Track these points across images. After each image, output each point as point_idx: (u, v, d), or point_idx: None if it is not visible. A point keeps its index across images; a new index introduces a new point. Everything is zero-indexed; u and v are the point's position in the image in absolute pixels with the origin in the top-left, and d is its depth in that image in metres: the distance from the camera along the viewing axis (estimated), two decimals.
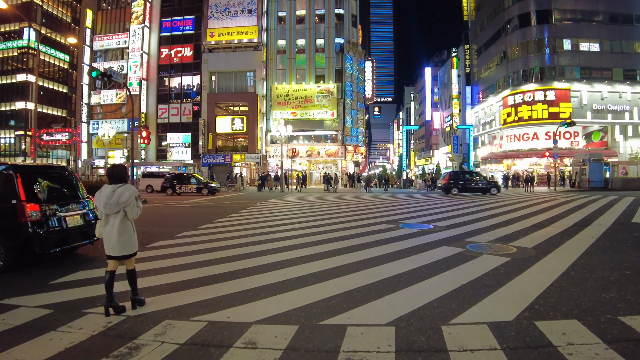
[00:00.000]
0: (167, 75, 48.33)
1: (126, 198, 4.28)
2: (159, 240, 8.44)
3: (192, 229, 10.01)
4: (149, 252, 7.21)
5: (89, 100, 50.60)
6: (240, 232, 9.34)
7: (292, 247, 7.49)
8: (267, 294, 4.66)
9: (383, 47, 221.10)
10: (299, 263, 6.13)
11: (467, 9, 59.08)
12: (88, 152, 50.49)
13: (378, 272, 5.54)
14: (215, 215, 13.35)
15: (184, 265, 6.14)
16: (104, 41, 50.30)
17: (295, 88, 44.09)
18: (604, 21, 42.53)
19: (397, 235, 8.75)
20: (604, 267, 5.84)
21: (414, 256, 6.63)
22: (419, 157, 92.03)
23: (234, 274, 5.58)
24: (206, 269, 5.91)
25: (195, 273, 5.68)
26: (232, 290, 4.82)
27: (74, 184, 7.35)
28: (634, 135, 41.52)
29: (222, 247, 7.57)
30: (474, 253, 6.82)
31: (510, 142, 45.12)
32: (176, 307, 4.31)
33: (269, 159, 44.41)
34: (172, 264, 6.31)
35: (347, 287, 4.83)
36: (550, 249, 7.12)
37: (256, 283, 5.07)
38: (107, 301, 4.17)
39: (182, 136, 46.73)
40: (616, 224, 10.68)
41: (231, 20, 45.13)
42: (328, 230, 9.65)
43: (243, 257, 6.64)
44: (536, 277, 5.26)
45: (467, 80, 59.13)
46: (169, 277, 5.53)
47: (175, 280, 5.36)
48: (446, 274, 5.47)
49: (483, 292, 4.64)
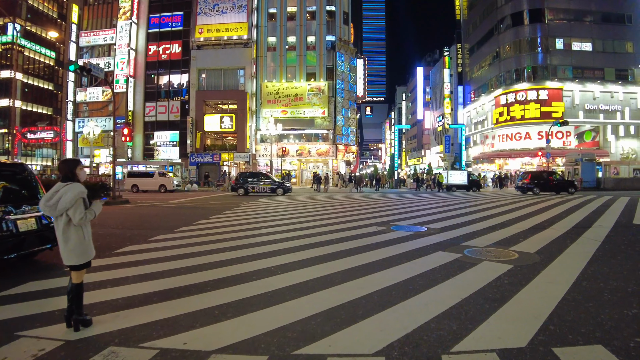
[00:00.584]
0: (155, 72, 47.31)
1: (68, 200, 3.58)
2: (129, 245, 7.74)
3: (169, 232, 9.30)
4: (115, 259, 6.50)
5: (74, 98, 49.43)
6: (219, 236, 8.64)
7: (273, 253, 6.81)
8: (236, 312, 3.98)
9: (375, 46, 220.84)
10: (278, 272, 5.44)
11: (460, 8, 58.78)
12: (73, 151, 49.26)
13: (367, 283, 4.88)
14: (197, 216, 12.63)
15: (149, 275, 5.44)
16: (91, 37, 49.16)
17: (286, 86, 43.32)
18: (596, 21, 42.40)
19: (389, 239, 8.11)
20: (618, 276, 5.25)
21: (407, 263, 5.98)
22: (410, 156, 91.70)
23: (203, 286, 4.89)
24: (173, 279, 5.21)
25: (160, 284, 4.98)
26: (197, 306, 4.14)
27: (32, 185, 6.61)
28: (626, 135, 41.43)
29: (196, 253, 6.87)
30: (472, 259, 6.19)
31: (502, 141, 44.81)
32: (127, 329, 3.62)
33: (258, 158, 43.59)
34: (137, 272, 5.61)
35: (330, 303, 4.16)
36: (554, 255, 6.53)
37: (226, 298, 4.39)
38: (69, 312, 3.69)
39: (170, 135, 45.75)
40: (618, 225, 10.16)
41: (221, 16, 44.23)
42: (315, 233, 8.98)
43: (217, 264, 5.95)
44: (545, 289, 4.64)
45: (459, 80, 58.81)
46: (129, 289, 4.83)
47: (135, 293, 4.66)
48: (443, 285, 4.82)
49: (487, 308, 4.01)
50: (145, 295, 4.56)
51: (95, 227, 10.35)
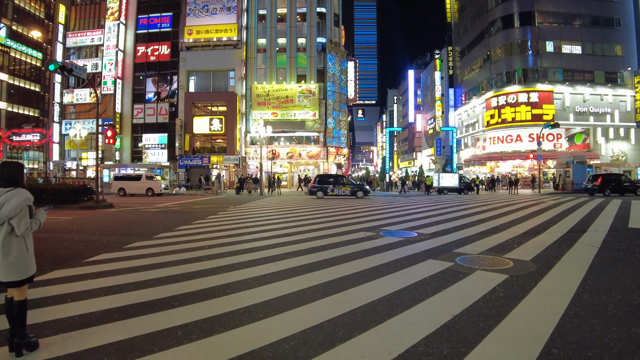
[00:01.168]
0: (144, 73, 46.61)
1: (12, 207, 3.14)
2: (102, 253, 7.25)
3: (146, 239, 8.82)
4: (83, 269, 6.03)
5: (61, 100, 48.49)
6: (198, 243, 8.18)
7: (252, 262, 6.36)
8: (201, 333, 3.53)
9: (367, 49, 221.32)
10: (254, 285, 4.99)
11: (451, 11, 58.82)
12: (60, 154, 48.30)
13: (350, 297, 4.45)
14: (179, 221, 12.14)
15: (115, 288, 4.97)
16: (78, 38, 48.32)
17: (276, 88, 42.86)
18: (585, 24, 42.59)
19: (377, 246, 7.70)
20: (620, 287, 4.88)
21: (396, 273, 5.56)
22: (402, 159, 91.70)
23: (170, 301, 4.44)
24: (140, 293, 4.75)
25: (125, 299, 4.52)
26: (160, 325, 3.69)
27: None
28: (615, 137, 41.59)
29: (171, 262, 6.40)
30: (465, 268, 5.80)
31: (493, 144, 44.74)
32: (76, 354, 3.16)
33: (248, 160, 43.05)
34: (103, 284, 5.14)
35: (308, 322, 3.72)
36: (551, 263, 6.16)
37: (193, 315, 3.94)
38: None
39: (158, 137, 45.01)
40: (613, 229, 9.86)
41: (210, 17, 43.68)
42: (300, 239, 8.54)
43: (190, 276, 5.50)
44: (544, 303, 4.26)
45: (450, 82, 58.83)
46: (90, 304, 4.37)
47: (95, 309, 4.20)
48: (434, 299, 4.41)
49: (482, 326, 3.60)
50: (106, 312, 4.10)
51: (71, 233, 9.86)
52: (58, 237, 9.06)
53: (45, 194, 18.19)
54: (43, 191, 18.42)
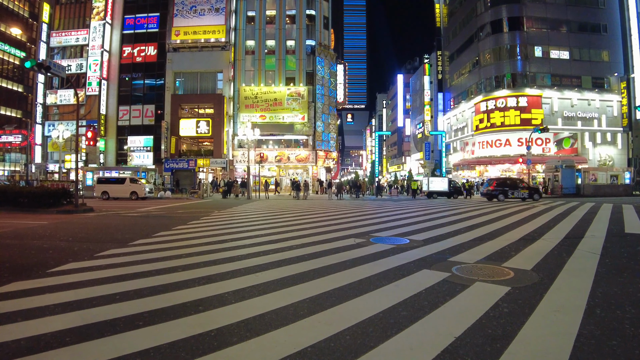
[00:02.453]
0: (130, 75, 45.75)
1: None
2: (71, 262, 6.67)
3: (122, 246, 8.24)
4: (44, 280, 5.44)
5: (44, 100, 47.39)
6: (176, 251, 7.62)
7: (232, 273, 5.83)
8: None
9: (356, 53, 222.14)
10: (231, 301, 4.46)
11: (440, 16, 58.91)
12: (43, 156, 47.13)
13: (338, 316, 3.95)
14: (159, 227, 11.55)
15: (74, 304, 4.42)
16: (62, 37, 47.35)
17: (265, 90, 42.36)
18: (572, 30, 42.90)
19: (367, 254, 7.22)
20: (633, 300, 4.47)
21: (388, 286, 5.08)
22: (391, 163, 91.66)
23: (134, 319, 3.90)
24: (101, 310, 4.21)
25: (83, 317, 3.98)
26: (115, 352, 3.13)
27: None
28: (603, 142, 41.87)
29: (142, 273, 5.85)
30: (462, 279, 5.35)
31: (482, 148, 44.72)
32: None
33: (235, 164, 42.41)
34: (62, 299, 4.58)
35: (288, 347, 3.22)
36: (554, 272, 5.74)
37: (156, 339, 3.41)
38: None
39: (144, 139, 44.18)
40: (611, 235, 9.53)
41: (198, 18, 43.13)
42: (285, 247, 8.03)
43: (160, 290, 4.95)
44: (554, 321, 3.82)
45: (439, 87, 58.88)
46: (42, 324, 3.81)
47: (47, 329, 3.64)
48: (432, 317, 3.95)
49: (489, 351, 3.14)
50: (58, 334, 3.55)
51: (42, 239, 9.24)
52: (26, 244, 8.43)
53: (22, 197, 17.47)
54: (19, 194, 17.68)
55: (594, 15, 43.12)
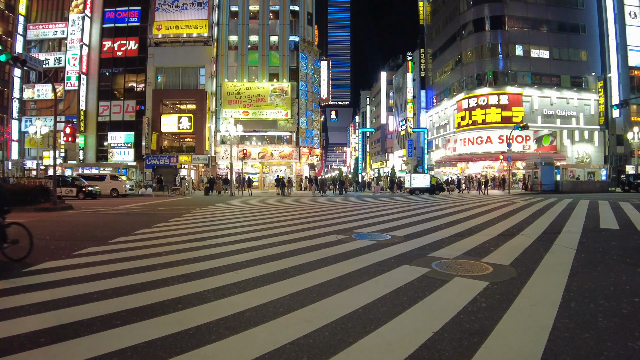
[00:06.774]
0: (110, 69, 44.87)
1: None
2: (47, 260, 6.52)
3: (100, 244, 8.10)
4: (21, 280, 5.31)
5: (21, 95, 46.05)
6: (155, 249, 7.52)
7: (212, 271, 5.77)
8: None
9: (340, 51, 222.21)
10: (210, 299, 4.43)
11: (423, 13, 59.24)
12: (20, 152, 45.87)
13: (318, 313, 3.96)
14: (139, 224, 11.39)
15: (51, 303, 4.30)
16: (39, 30, 46.03)
17: (247, 86, 42.06)
18: (552, 29, 43.67)
19: (349, 250, 7.25)
20: (606, 293, 4.59)
21: (368, 282, 5.12)
22: (374, 160, 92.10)
23: (111, 319, 3.83)
24: (78, 309, 4.11)
25: (59, 317, 3.88)
26: (90, 352, 3.05)
27: None
28: (580, 139, 42.80)
29: (122, 271, 5.75)
30: (442, 275, 5.42)
31: (464, 145, 45.25)
32: None
33: (218, 160, 42.06)
34: (39, 299, 4.46)
35: (267, 344, 3.20)
36: (531, 267, 5.85)
37: (134, 338, 3.34)
38: None
39: (125, 136, 43.42)
40: (586, 230, 9.76)
41: (180, 13, 42.50)
42: (266, 244, 8.00)
43: (139, 288, 4.87)
44: (530, 315, 3.89)
45: (422, 84, 59.29)
46: (16, 325, 3.68)
47: (21, 331, 3.52)
48: (411, 312, 3.98)
49: (466, 346, 3.19)
50: (33, 335, 3.47)
51: None
52: None
53: None
54: None
55: (573, 16, 43.96)
